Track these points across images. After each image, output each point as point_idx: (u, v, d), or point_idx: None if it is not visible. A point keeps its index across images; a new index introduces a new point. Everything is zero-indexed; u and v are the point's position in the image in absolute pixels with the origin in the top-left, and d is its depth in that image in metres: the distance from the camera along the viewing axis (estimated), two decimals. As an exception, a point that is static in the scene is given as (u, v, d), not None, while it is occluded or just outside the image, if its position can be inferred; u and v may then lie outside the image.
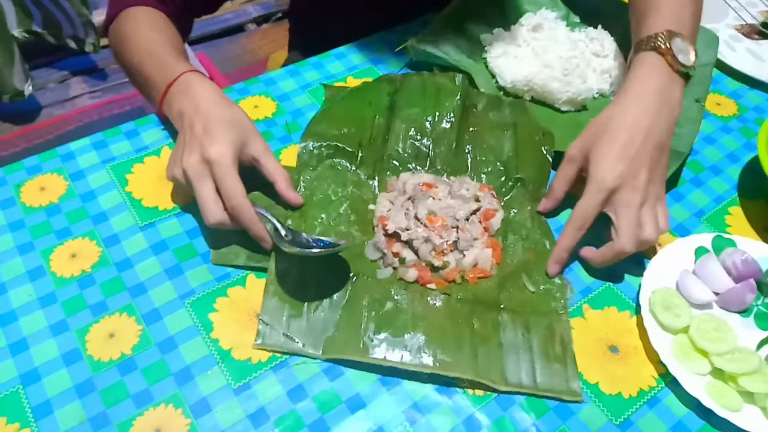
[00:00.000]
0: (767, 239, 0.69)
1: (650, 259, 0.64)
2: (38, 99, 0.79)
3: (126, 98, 0.81)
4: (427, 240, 0.61)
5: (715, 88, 0.87)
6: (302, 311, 0.57)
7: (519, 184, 0.68)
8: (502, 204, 0.67)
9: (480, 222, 0.64)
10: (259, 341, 0.56)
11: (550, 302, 0.59)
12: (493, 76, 0.82)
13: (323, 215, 0.64)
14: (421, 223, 0.62)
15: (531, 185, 0.68)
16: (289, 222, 0.63)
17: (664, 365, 0.56)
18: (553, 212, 0.67)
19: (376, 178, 0.69)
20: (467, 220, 0.63)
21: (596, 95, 0.80)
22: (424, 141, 0.71)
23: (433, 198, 0.64)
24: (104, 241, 0.63)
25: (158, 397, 0.53)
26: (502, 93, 0.80)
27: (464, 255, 0.61)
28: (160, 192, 0.67)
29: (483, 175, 0.70)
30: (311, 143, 0.69)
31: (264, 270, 0.60)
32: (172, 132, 0.73)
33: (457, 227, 0.63)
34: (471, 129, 0.73)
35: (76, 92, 0.83)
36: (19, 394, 0.52)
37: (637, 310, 0.61)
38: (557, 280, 0.61)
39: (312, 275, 0.60)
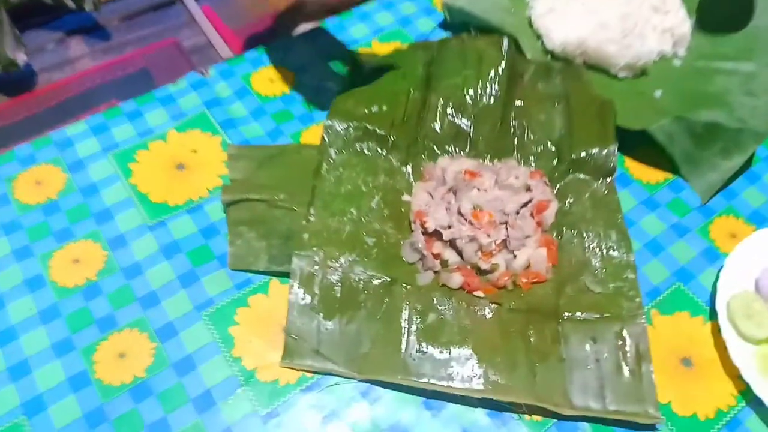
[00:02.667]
0: None
1: (726, 253, 0.57)
2: (35, 63, 0.71)
3: (130, 59, 0.73)
4: (472, 239, 0.53)
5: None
6: (333, 322, 0.51)
7: (575, 167, 0.60)
8: (556, 192, 0.59)
9: (532, 216, 0.56)
10: (286, 360, 0.49)
11: (622, 303, 0.52)
12: (539, 38, 0.72)
13: (353, 209, 0.56)
14: (466, 219, 0.54)
15: (589, 168, 0.59)
16: (312, 218, 0.55)
17: (744, 381, 0.49)
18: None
19: (410, 164, 0.61)
20: (517, 214, 0.56)
21: (657, 58, 0.70)
22: (464, 119, 0.62)
23: (478, 189, 0.56)
24: (109, 244, 0.56)
25: (176, 428, 0.47)
26: (549, 57, 0.70)
27: (515, 256, 0.54)
28: (170, 184, 0.60)
29: (532, 158, 0.61)
30: (337, 124, 0.61)
31: (288, 275, 0.53)
32: (178, 112, 0.65)
33: (506, 223, 0.55)
34: (517, 103, 0.64)
35: (75, 53, 0.75)
36: (23, 428, 0.46)
37: (712, 315, 0.54)
38: (629, 273, 0.53)
39: (342, 278, 0.53)
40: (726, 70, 0.68)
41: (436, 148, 0.62)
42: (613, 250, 0.55)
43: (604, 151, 0.59)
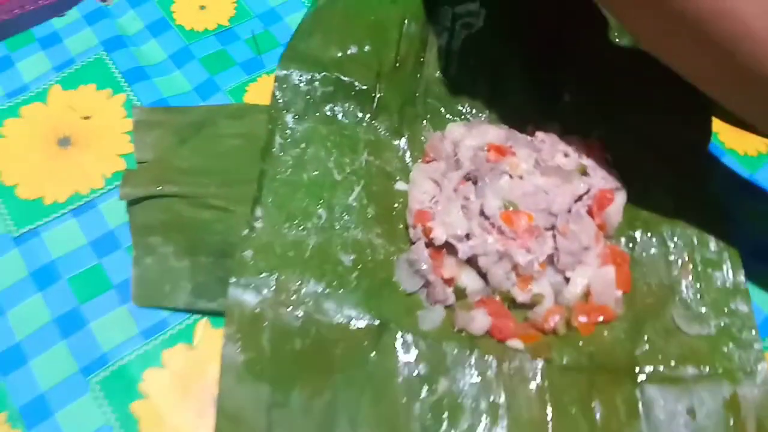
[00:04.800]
0: None
1: None
2: None
3: None
4: (503, 256, 0.35)
5: None
6: (291, 395, 0.33)
7: (643, 133, 0.40)
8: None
9: (590, 214, 0.37)
10: (220, 456, 0.32)
11: (732, 352, 0.34)
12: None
13: (321, 209, 0.37)
14: (492, 224, 0.36)
15: (670, 133, 0.40)
16: (259, 223, 0.36)
17: None
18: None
19: (405, 134, 0.41)
20: (569, 212, 0.37)
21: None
22: (482, 65, 0.42)
23: (510, 176, 0.37)
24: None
25: None
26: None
27: (567, 280, 0.36)
28: (48, 170, 0.40)
29: (582, 119, 0.42)
30: (295, 74, 0.41)
31: (222, 313, 0.34)
32: (65, 58, 0.44)
33: (554, 228, 0.36)
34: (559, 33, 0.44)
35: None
36: None
37: None
38: (741, 304, 0.36)
39: (304, 321, 0.34)
40: None
41: (443, 110, 0.42)
42: (714, 266, 0.37)
43: (688, 104, 0.40)
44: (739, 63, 0.28)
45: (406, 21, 0.43)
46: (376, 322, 0.34)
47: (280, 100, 0.40)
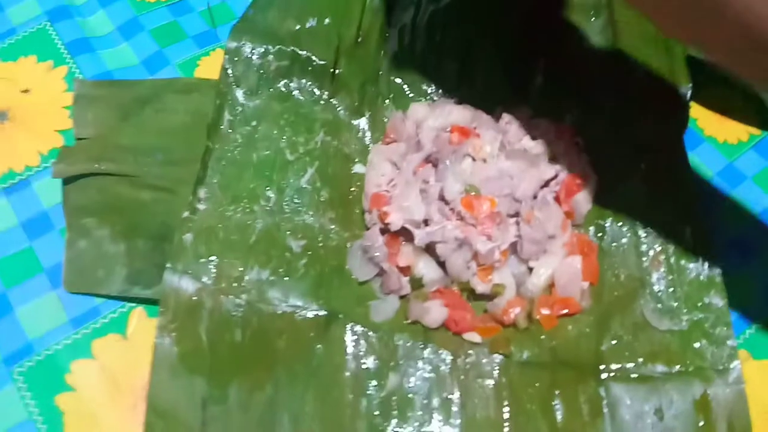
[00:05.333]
0: None
1: None
2: None
3: None
4: (462, 243, 0.32)
5: None
6: (229, 390, 0.30)
7: (622, 119, 0.38)
8: (594, 161, 0.37)
9: (558, 201, 0.35)
10: (150, 457, 0.29)
11: (704, 348, 0.32)
12: None
13: (270, 192, 0.35)
14: (452, 209, 0.33)
15: (645, 119, 0.38)
16: (202, 205, 0.33)
17: None
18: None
19: (366, 113, 0.39)
20: (535, 199, 0.34)
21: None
22: (449, 43, 0.40)
23: (474, 158, 0.35)
24: None
25: None
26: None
27: (531, 270, 0.33)
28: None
29: (554, 104, 0.39)
30: (248, 46, 0.38)
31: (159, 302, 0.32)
32: (5, 28, 0.41)
33: (518, 215, 0.34)
34: (533, 15, 0.41)
35: None
36: None
37: (832, 360, 0.35)
38: (715, 297, 0.33)
39: (246, 311, 0.32)
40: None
41: (407, 89, 0.40)
42: (687, 258, 0.34)
43: (669, 93, 0.38)
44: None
45: (368, -7, 0.40)
46: (324, 313, 0.32)
47: (231, 75, 0.37)
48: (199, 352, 0.31)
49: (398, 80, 0.40)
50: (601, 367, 0.32)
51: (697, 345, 0.32)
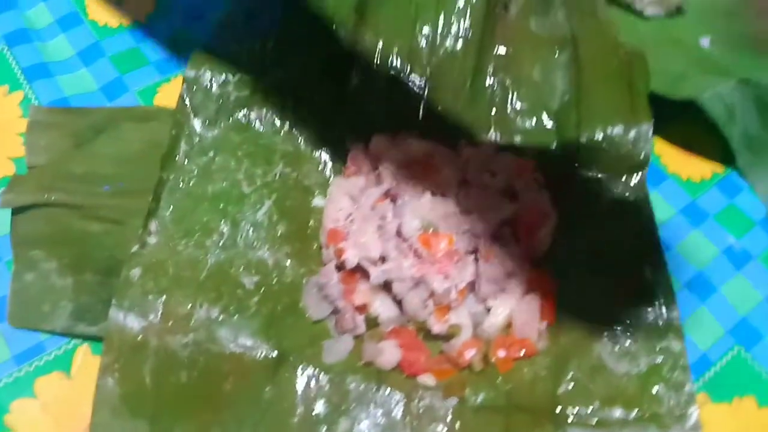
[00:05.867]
0: None
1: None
2: None
3: None
4: (419, 282, 0.32)
5: None
6: (174, 433, 0.29)
7: (584, 156, 0.38)
8: (553, 196, 0.37)
9: (516, 239, 0.34)
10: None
11: (661, 393, 0.32)
12: (531, -49, 0.48)
13: (224, 225, 0.34)
14: (409, 245, 0.33)
15: (608, 158, 0.38)
16: (152, 238, 0.33)
17: None
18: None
19: (326, 146, 0.38)
20: (494, 235, 0.34)
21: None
22: (415, 74, 0.39)
23: (432, 193, 0.34)
24: None
25: None
26: (546, -19, 0.47)
27: (488, 310, 0.33)
28: None
29: (518, 139, 0.39)
30: (207, 75, 0.37)
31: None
32: None
33: (476, 252, 0.33)
34: (498, 50, 0.41)
35: None
36: None
37: (792, 403, 0.34)
38: (673, 341, 0.33)
39: (193, 351, 0.31)
40: (805, 8, 0.46)
41: (370, 121, 0.39)
42: (647, 299, 0.34)
43: (632, 132, 0.38)
44: None
45: (333, 23, 0.40)
46: (274, 354, 0.31)
47: (189, 104, 0.37)
48: (142, 393, 0.30)
49: (359, 114, 0.39)
50: (558, 410, 0.31)
51: (654, 389, 0.32)
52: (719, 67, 0.43)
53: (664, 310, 0.34)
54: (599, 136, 0.38)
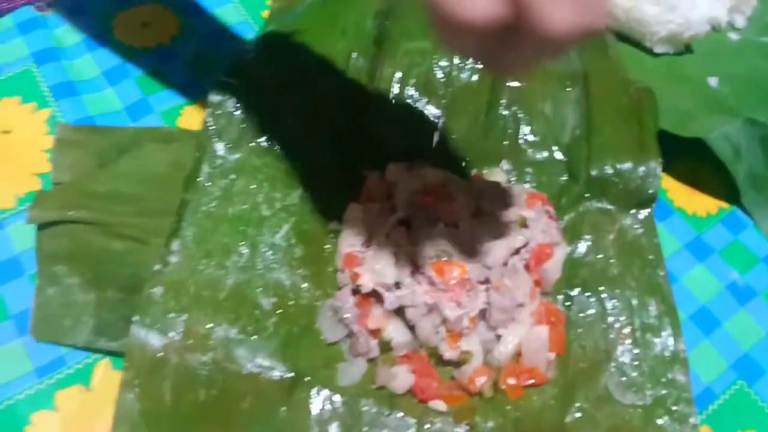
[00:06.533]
0: None
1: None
2: None
3: None
4: (432, 309, 0.33)
5: None
6: (191, 451, 0.30)
7: (594, 190, 0.39)
8: (564, 228, 0.38)
9: (527, 269, 0.35)
10: None
11: (666, 425, 0.32)
12: (545, -13, 0.50)
13: (243, 247, 0.35)
14: (423, 273, 0.34)
15: (617, 193, 0.39)
16: (174, 258, 0.34)
17: None
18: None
19: (343, 172, 0.39)
20: (505, 266, 0.35)
21: (707, 28, 0.49)
22: (431, 104, 0.41)
23: (446, 222, 0.35)
24: None
25: None
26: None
27: (499, 338, 0.34)
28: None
29: (529, 171, 0.40)
30: (231, 100, 0.39)
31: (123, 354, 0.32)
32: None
33: (488, 282, 0.34)
34: (511, 83, 0.42)
35: None
36: None
37: (793, 438, 0.35)
38: (679, 373, 0.34)
39: (212, 369, 0.31)
40: (808, 51, 0.48)
41: (386, 149, 0.40)
42: (653, 332, 0.35)
43: (641, 168, 0.39)
44: None
45: (352, 53, 0.41)
46: (290, 375, 0.32)
47: (212, 128, 0.38)
48: (161, 409, 0.30)
49: (376, 141, 0.40)
50: (564, 440, 0.32)
51: (659, 421, 0.33)
52: (726, 106, 0.44)
53: (670, 342, 0.35)
54: (609, 170, 0.39)
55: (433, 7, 0.21)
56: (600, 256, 0.37)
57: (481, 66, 0.40)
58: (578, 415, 0.33)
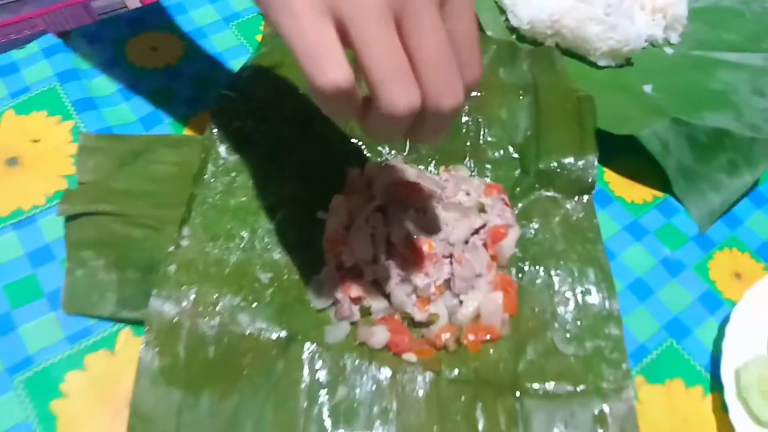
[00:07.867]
0: None
1: (729, 299, 0.44)
2: None
3: (25, 20, 0.55)
4: (404, 279, 0.39)
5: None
6: (201, 399, 0.35)
7: (542, 181, 0.46)
8: (517, 214, 0.44)
9: (485, 246, 0.42)
10: (130, 454, 0.34)
11: (603, 371, 0.39)
12: (503, 12, 0.57)
13: (244, 232, 0.41)
14: (397, 250, 0.40)
15: (561, 183, 0.45)
16: (185, 242, 0.40)
17: (757, 480, 0.37)
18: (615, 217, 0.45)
19: (329, 170, 0.45)
20: (466, 243, 0.41)
21: (645, 44, 0.57)
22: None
23: (416, 210, 0.42)
24: None
25: None
26: (514, 37, 0.56)
27: (461, 302, 0.40)
28: (-10, 186, 0.43)
29: (488, 167, 0.47)
30: (231, 111, 0.45)
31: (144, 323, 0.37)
32: (21, 86, 0.48)
33: (451, 256, 0.41)
34: (472, 93, 0.49)
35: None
36: None
37: (714, 386, 0.41)
38: (613, 328, 0.40)
39: (219, 332, 0.37)
40: (730, 62, 0.55)
41: (365, 150, 0.47)
42: (591, 296, 0.41)
43: (581, 162, 0.45)
44: None
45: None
46: (285, 335, 0.38)
47: (215, 134, 0.44)
48: (177, 365, 0.36)
49: (357, 143, 0.47)
50: (517, 385, 0.38)
51: (597, 368, 0.39)
52: (657, 108, 0.51)
53: (606, 303, 0.41)
54: (554, 164, 0.45)
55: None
56: (548, 235, 0.44)
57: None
58: (529, 364, 0.39)
